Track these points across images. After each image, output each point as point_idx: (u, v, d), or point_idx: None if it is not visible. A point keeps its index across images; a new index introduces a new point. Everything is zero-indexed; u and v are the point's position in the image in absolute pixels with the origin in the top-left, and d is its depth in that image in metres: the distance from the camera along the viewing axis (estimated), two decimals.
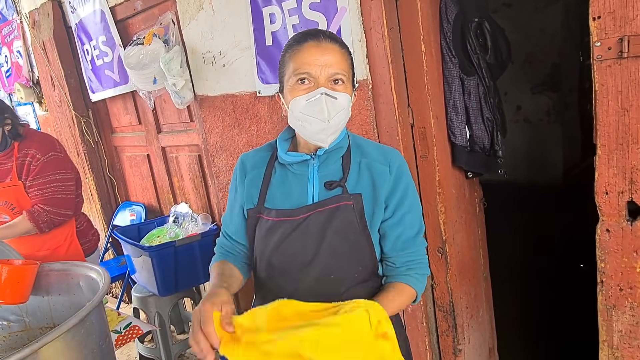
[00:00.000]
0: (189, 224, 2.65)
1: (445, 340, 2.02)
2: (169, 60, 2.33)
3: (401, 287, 1.13)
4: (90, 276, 1.13)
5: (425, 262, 1.17)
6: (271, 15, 1.98)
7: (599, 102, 1.31)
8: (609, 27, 1.25)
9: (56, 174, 2.07)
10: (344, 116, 1.08)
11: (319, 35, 1.05)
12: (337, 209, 1.08)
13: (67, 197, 2.10)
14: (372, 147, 1.17)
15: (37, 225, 2.02)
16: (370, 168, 1.12)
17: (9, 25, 3.73)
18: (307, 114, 1.04)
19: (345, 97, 1.06)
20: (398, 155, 1.16)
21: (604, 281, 1.43)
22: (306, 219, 1.08)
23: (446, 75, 1.81)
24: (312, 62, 1.03)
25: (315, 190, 1.11)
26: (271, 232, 1.11)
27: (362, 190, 1.10)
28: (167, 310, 2.65)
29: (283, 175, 1.14)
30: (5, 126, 2.06)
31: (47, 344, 0.81)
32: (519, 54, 4.59)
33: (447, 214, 1.86)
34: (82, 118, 3.36)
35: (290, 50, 1.07)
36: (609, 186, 1.35)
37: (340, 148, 1.13)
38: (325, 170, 1.12)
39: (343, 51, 1.07)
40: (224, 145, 2.46)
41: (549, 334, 2.58)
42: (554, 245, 3.45)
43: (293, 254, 1.09)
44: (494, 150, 1.91)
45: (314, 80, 1.03)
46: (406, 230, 1.13)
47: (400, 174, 1.12)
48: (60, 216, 2.08)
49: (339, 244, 1.08)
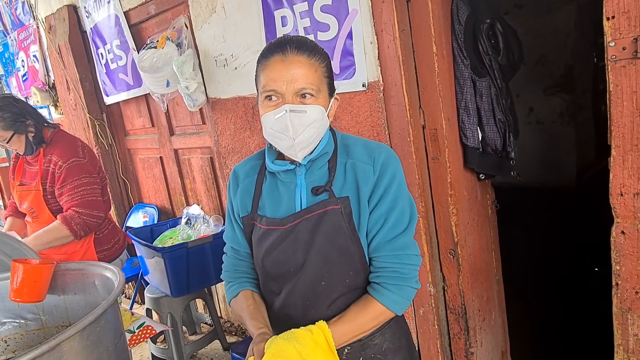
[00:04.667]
0: (201, 225, 2.67)
1: (457, 343, 2.00)
2: (181, 63, 2.36)
3: (367, 303, 1.06)
4: (106, 275, 1.15)
5: (405, 272, 1.05)
6: (282, 18, 2.00)
7: (614, 102, 1.30)
8: (623, 27, 1.24)
9: (82, 178, 2.10)
10: (316, 129, 1.04)
11: (285, 47, 1.02)
12: (325, 214, 1.05)
13: (97, 199, 2.13)
14: (360, 146, 1.12)
15: (70, 228, 2.03)
16: (355, 168, 1.08)
17: (25, 30, 3.80)
18: (276, 130, 1.03)
19: (316, 109, 1.03)
20: (385, 151, 1.10)
21: (619, 284, 1.41)
22: (295, 226, 1.07)
23: (458, 77, 1.80)
24: (278, 77, 1.01)
25: (303, 197, 1.09)
26: (263, 239, 1.11)
27: (348, 193, 1.07)
28: (180, 311, 2.67)
29: (273, 183, 1.14)
30: (28, 133, 2.09)
31: (64, 341, 0.83)
32: (532, 55, 4.55)
33: (459, 216, 1.85)
34: (96, 121, 3.41)
35: (260, 64, 1.06)
36: (623, 187, 1.33)
37: (326, 153, 1.10)
38: (312, 176, 1.10)
39: (312, 61, 1.03)
40: (236, 147, 2.47)
41: (562, 338, 2.55)
42: (567, 248, 3.41)
43: (284, 261, 1.09)
44: (507, 151, 1.90)
45: (280, 96, 1.02)
46: (386, 230, 1.05)
47: (383, 170, 1.07)
48: (94, 218, 2.10)
49: (328, 249, 1.06)
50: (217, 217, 2.75)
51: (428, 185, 1.86)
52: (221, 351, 2.90)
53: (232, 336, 3.07)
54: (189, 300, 2.76)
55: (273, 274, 1.12)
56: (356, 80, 1.81)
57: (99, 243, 2.26)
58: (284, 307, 1.12)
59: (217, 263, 2.66)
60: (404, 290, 1.05)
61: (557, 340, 2.55)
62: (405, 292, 1.05)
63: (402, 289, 1.05)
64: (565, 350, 2.47)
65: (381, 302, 1.04)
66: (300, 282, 1.08)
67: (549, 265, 3.29)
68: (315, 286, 1.08)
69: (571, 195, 4.32)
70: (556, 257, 3.36)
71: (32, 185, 2.16)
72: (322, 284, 1.08)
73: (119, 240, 2.39)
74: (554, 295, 2.96)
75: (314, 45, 1.07)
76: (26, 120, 2.08)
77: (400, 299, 1.05)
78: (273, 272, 1.11)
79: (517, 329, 2.36)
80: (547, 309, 2.80)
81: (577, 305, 2.76)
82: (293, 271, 1.09)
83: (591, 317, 2.45)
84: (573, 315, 2.70)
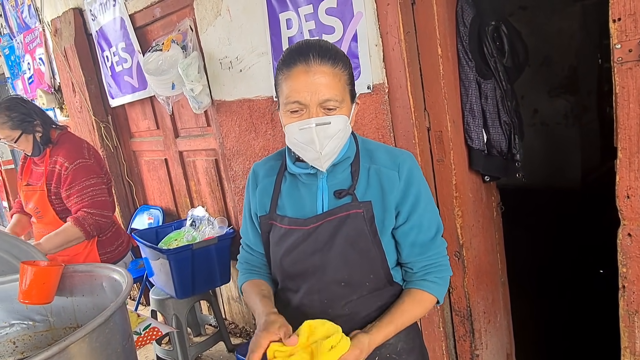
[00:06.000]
0: (206, 227, 2.68)
1: (462, 346, 2.00)
2: (187, 65, 2.37)
3: (417, 295, 1.11)
4: (113, 277, 1.15)
5: (445, 264, 1.14)
6: (288, 20, 2.00)
7: (620, 104, 1.30)
8: (629, 29, 1.24)
9: (90, 179, 2.11)
10: (340, 139, 1.05)
11: (307, 56, 1.00)
12: (347, 217, 1.07)
13: (105, 199, 2.15)
14: (382, 152, 1.14)
15: (83, 229, 2.04)
16: (379, 174, 1.10)
17: (31, 33, 3.83)
18: (301, 141, 1.03)
19: (340, 119, 1.03)
20: (408, 158, 1.13)
21: (626, 286, 1.41)
22: (317, 227, 1.09)
23: (463, 79, 1.80)
24: (302, 89, 1.00)
25: (324, 200, 1.11)
26: (284, 239, 1.12)
27: (371, 198, 1.08)
28: (185, 312, 2.68)
29: (293, 184, 1.15)
30: (36, 133, 2.11)
31: (73, 342, 0.83)
32: (536, 57, 4.54)
33: (464, 218, 1.85)
34: (101, 123, 3.43)
35: (281, 73, 1.04)
36: (630, 190, 1.33)
37: (348, 158, 1.11)
38: (333, 179, 1.11)
39: (336, 70, 1.02)
40: (241, 150, 2.48)
41: (567, 340, 2.54)
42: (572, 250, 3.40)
43: (303, 261, 1.10)
44: (512, 153, 1.90)
45: (304, 107, 1.01)
46: (422, 235, 1.11)
47: (410, 178, 1.10)
48: (105, 217, 2.12)
49: (349, 251, 1.08)
50: (221, 219, 2.76)
51: (433, 188, 1.86)
52: (226, 353, 2.91)
53: (236, 338, 3.08)
54: (194, 301, 2.77)
55: (291, 273, 1.13)
56: (361, 83, 1.82)
57: (101, 245, 2.26)
58: (301, 305, 1.13)
59: (222, 265, 2.67)
60: (446, 280, 1.14)
61: (563, 343, 2.54)
62: (447, 282, 1.15)
63: (446, 280, 1.14)
64: (571, 352, 2.46)
65: (434, 294, 1.11)
66: (319, 282, 1.10)
67: (553, 267, 3.28)
68: (334, 287, 1.10)
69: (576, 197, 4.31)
70: (561, 259, 3.35)
71: (37, 185, 2.17)
72: (342, 284, 1.10)
73: (123, 243, 2.39)
74: (559, 297, 2.95)
75: (336, 51, 1.05)
76: (34, 121, 2.10)
77: (445, 288, 1.14)
78: (291, 271, 1.13)
79: (522, 330, 2.35)
80: (551, 311, 2.79)
81: (582, 308, 2.75)
82: (312, 271, 1.10)
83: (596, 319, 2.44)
84: (578, 317, 2.69)
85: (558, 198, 4.29)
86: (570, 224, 3.70)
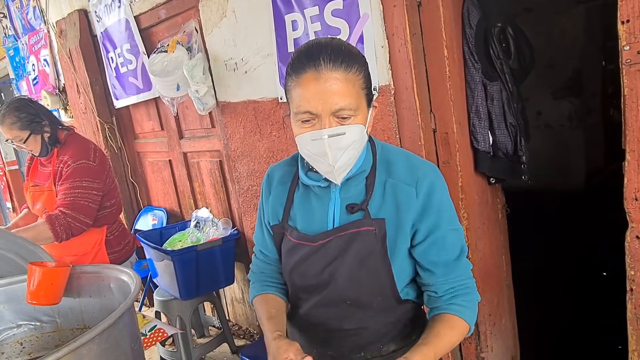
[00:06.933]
0: (210, 228, 2.68)
1: (467, 348, 2.00)
2: (192, 67, 2.38)
3: (448, 320, 1.00)
4: (121, 279, 1.15)
5: (472, 286, 1.04)
6: (293, 22, 2.00)
7: (628, 106, 1.29)
8: (638, 31, 1.23)
9: (83, 181, 2.07)
10: (355, 150, 0.98)
11: (317, 61, 0.91)
12: (358, 234, 1.01)
13: (89, 205, 2.07)
14: (402, 163, 1.05)
15: (53, 229, 1.95)
16: (395, 189, 1.01)
17: (36, 35, 3.84)
18: (314, 153, 0.96)
19: (355, 129, 0.95)
20: (430, 171, 1.03)
21: (634, 289, 1.40)
22: (325, 244, 1.04)
23: (469, 81, 1.80)
24: (312, 97, 0.92)
25: (336, 214, 1.05)
26: (292, 252, 1.09)
27: (385, 215, 1.01)
28: (189, 313, 2.68)
29: (306, 195, 1.09)
30: (44, 133, 2.12)
31: (84, 344, 0.83)
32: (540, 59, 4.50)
33: (469, 220, 1.85)
34: (106, 124, 3.43)
35: (290, 79, 0.96)
36: (638, 192, 1.32)
37: (363, 171, 1.04)
38: (347, 192, 1.04)
39: (349, 75, 0.93)
40: (245, 151, 2.48)
41: (573, 343, 2.53)
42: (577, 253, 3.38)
43: (312, 276, 1.06)
44: (517, 156, 1.90)
45: (316, 117, 0.93)
46: (444, 254, 1.02)
47: (431, 193, 1.00)
48: (79, 222, 2.02)
49: (357, 270, 1.02)
50: (226, 221, 2.76)
51: None
52: (230, 354, 2.90)
53: (240, 339, 3.08)
54: (198, 303, 2.77)
55: (300, 286, 1.10)
56: None
57: (109, 245, 2.26)
58: (309, 314, 1.11)
59: (226, 266, 2.67)
60: (475, 305, 1.05)
61: (568, 346, 2.52)
62: (475, 306, 1.05)
63: (474, 304, 1.05)
64: (576, 356, 2.44)
65: (464, 318, 1.01)
66: (326, 298, 1.07)
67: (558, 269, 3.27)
68: (341, 304, 1.06)
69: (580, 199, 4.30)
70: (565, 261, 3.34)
71: (44, 186, 2.18)
72: (348, 303, 1.05)
73: (129, 242, 2.40)
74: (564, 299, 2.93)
75: (350, 52, 0.96)
76: (42, 121, 2.10)
77: (474, 314, 1.04)
78: (300, 284, 1.10)
79: (527, 333, 2.34)
80: (556, 314, 2.78)
81: (587, 310, 2.74)
82: (320, 287, 1.06)
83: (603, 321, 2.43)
84: (584, 320, 2.68)
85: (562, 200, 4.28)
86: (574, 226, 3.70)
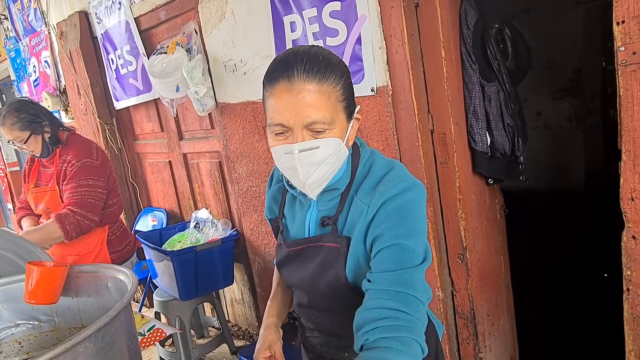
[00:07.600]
0: (210, 229, 2.69)
1: (465, 348, 2.00)
2: (191, 68, 2.39)
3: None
4: (119, 278, 1.15)
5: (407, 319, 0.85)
6: (292, 23, 2.01)
7: (624, 107, 1.30)
8: (633, 32, 1.24)
9: (88, 179, 2.10)
10: (331, 165, 0.92)
11: (292, 72, 0.87)
12: (322, 249, 1.00)
13: (96, 202, 2.12)
14: (374, 179, 0.96)
15: (63, 227, 2.00)
16: (355, 206, 0.96)
17: (37, 36, 3.86)
18: (286, 166, 0.93)
19: (331, 142, 0.90)
20: (395, 187, 0.92)
21: (630, 289, 1.41)
22: (302, 251, 1.06)
23: (466, 81, 1.81)
24: (284, 109, 0.88)
25: (312, 224, 1.04)
26: (279, 249, 1.14)
27: (348, 232, 0.97)
28: (188, 314, 2.69)
29: (292, 200, 1.12)
30: (44, 134, 2.13)
31: (79, 342, 0.84)
32: (539, 60, 4.54)
33: (467, 221, 1.85)
34: (106, 125, 3.45)
35: (265, 87, 0.93)
36: (634, 192, 1.33)
37: (338, 189, 0.99)
38: (324, 204, 1.02)
39: (324, 87, 0.88)
40: (244, 152, 2.49)
41: (571, 343, 2.53)
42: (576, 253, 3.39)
43: (291, 276, 1.12)
44: (515, 156, 1.90)
45: (289, 129, 0.89)
46: (378, 274, 0.89)
47: (386, 202, 0.91)
48: (88, 220, 2.07)
49: (318, 281, 1.02)
50: (225, 221, 2.77)
51: (437, 190, 1.86)
52: (229, 355, 2.91)
53: (239, 340, 3.08)
54: (197, 303, 2.77)
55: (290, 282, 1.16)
56: (365, 85, 1.82)
57: (111, 244, 2.28)
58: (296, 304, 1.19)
59: (225, 267, 2.67)
60: (413, 347, 0.84)
61: (566, 346, 2.53)
62: (415, 350, 0.84)
63: (412, 345, 0.84)
64: (575, 356, 2.44)
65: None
66: (301, 299, 1.14)
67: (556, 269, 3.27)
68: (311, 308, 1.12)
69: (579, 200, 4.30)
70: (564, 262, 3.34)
71: (47, 186, 2.19)
72: (317, 308, 1.10)
73: (130, 242, 2.42)
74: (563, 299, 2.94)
75: (327, 64, 0.90)
76: (42, 122, 2.12)
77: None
78: (285, 280, 1.18)
79: (526, 333, 2.34)
80: (555, 314, 2.78)
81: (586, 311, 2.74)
82: (295, 287, 1.14)
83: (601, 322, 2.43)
84: (582, 320, 2.68)
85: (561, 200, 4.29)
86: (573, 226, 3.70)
